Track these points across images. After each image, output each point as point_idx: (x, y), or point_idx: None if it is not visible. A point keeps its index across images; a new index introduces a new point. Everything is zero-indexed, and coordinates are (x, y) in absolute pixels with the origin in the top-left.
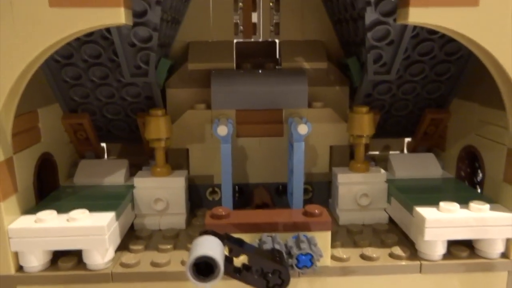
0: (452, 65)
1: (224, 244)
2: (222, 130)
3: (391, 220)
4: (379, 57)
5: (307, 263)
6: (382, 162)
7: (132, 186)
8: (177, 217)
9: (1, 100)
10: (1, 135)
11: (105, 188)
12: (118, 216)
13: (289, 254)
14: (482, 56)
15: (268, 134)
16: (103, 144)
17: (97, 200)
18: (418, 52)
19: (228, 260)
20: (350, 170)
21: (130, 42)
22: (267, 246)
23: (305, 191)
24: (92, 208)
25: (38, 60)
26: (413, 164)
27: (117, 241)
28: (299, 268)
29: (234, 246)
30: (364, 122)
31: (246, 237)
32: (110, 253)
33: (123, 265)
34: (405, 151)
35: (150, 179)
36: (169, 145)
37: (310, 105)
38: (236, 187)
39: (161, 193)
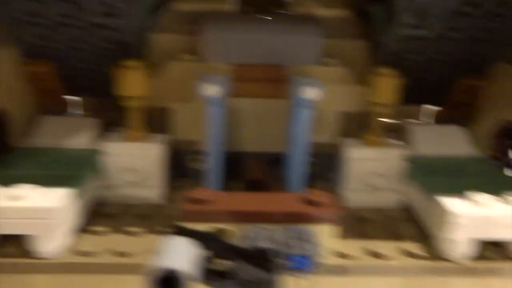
0: (506, 21)
1: (199, 245)
2: (210, 89)
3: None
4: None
5: (303, 264)
6: (400, 133)
7: (101, 152)
8: (153, 191)
9: None
10: None
11: (67, 153)
12: (78, 192)
13: (282, 253)
14: None
15: (269, 95)
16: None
17: (54, 168)
18: (465, 1)
19: (204, 264)
20: (363, 143)
21: None
22: (255, 243)
23: None
24: (46, 181)
25: None
26: (439, 139)
27: (74, 222)
28: (292, 270)
29: (212, 247)
30: (388, 87)
31: (234, 228)
32: (64, 239)
33: (79, 253)
34: (429, 121)
35: (122, 144)
36: (148, 104)
37: (322, 62)
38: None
39: (134, 162)
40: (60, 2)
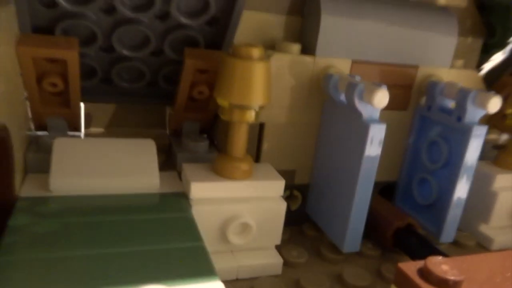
0: None
1: None
2: (381, 98)
3: None
4: None
5: None
6: None
7: (186, 198)
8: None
9: None
10: None
11: (130, 211)
12: None
13: None
14: None
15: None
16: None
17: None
18: None
19: None
20: (498, 166)
21: None
22: None
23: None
24: None
25: None
26: None
27: None
28: None
29: None
30: None
31: None
32: None
33: None
34: None
35: (222, 185)
36: None
37: (451, 64)
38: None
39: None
40: None
